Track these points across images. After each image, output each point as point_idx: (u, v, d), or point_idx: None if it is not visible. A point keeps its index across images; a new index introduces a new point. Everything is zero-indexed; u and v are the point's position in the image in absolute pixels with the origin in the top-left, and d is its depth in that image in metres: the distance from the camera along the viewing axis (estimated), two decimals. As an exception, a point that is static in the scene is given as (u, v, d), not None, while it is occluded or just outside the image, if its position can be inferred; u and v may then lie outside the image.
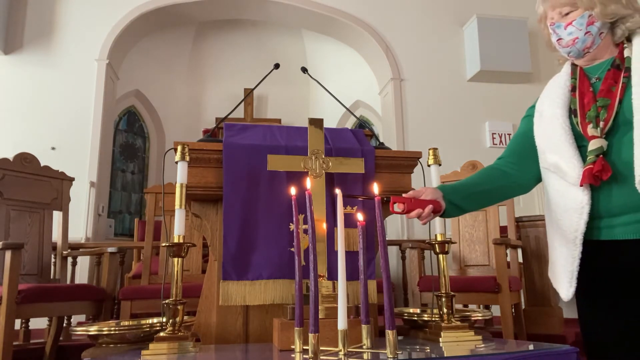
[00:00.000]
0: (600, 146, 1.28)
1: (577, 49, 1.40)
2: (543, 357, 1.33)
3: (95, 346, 1.90)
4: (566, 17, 1.39)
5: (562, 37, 1.40)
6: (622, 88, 1.30)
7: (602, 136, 1.29)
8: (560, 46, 1.42)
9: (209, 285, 1.88)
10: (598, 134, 1.30)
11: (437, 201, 1.43)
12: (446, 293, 1.67)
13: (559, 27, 1.40)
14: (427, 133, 5.54)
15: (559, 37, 1.41)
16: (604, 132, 1.30)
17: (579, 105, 1.38)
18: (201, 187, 1.81)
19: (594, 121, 1.32)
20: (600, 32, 1.38)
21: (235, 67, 6.80)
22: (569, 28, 1.38)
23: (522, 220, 3.47)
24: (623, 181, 1.27)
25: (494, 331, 2.96)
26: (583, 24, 1.36)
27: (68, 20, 5.31)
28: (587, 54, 1.41)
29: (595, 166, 1.25)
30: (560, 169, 1.37)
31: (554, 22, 1.42)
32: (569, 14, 1.38)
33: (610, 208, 1.30)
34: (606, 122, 1.30)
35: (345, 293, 1.33)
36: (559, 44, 1.42)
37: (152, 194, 3.44)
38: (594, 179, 1.26)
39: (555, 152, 1.38)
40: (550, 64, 6.02)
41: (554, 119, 1.40)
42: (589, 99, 1.36)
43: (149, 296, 2.88)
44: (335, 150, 1.88)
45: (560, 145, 1.36)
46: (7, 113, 4.96)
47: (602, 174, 1.25)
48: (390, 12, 5.88)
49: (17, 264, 2.33)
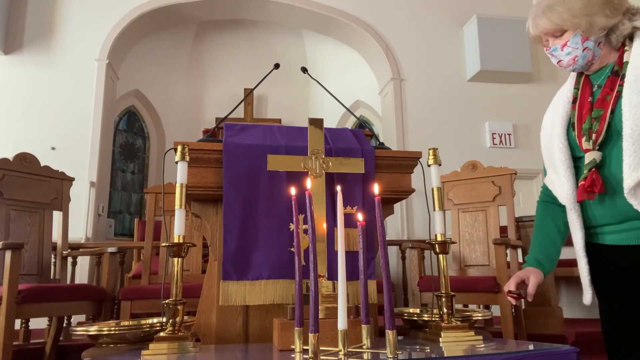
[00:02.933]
0: (592, 159, 1.29)
1: (580, 66, 1.39)
2: (543, 357, 1.33)
3: (95, 346, 1.90)
4: (560, 38, 1.38)
5: (561, 59, 1.40)
6: (616, 97, 1.30)
7: (595, 148, 1.30)
8: (562, 67, 1.42)
9: (209, 285, 1.88)
10: (591, 147, 1.31)
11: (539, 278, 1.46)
12: (446, 293, 1.67)
13: (555, 50, 1.40)
14: (427, 133, 5.54)
15: (558, 59, 1.41)
16: (597, 144, 1.30)
17: (577, 118, 1.38)
18: (201, 187, 1.81)
19: (587, 134, 1.33)
20: (598, 42, 1.36)
21: (235, 67, 6.80)
22: (565, 49, 1.37)
23: (522, 220, 3.46)
24: (613, 193, 1.29)
25: (494, 331, 2.96)
26: (578, 42, 1.35)
27: (68, 20, 5.32)
28: (592, 65, 1.40)
29: (586, 181, 1.28)
30: (555, 189, 1.43)
31: (550, 47, 1.41)
32: (562, 35, 1.37)
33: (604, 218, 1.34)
34: (598, 133, 1.30)
35: (345, 293, 1.33)
36: (559, 65, 1.42)
37: (152, 194, 3.44)
38: (587, 194, 1.28)
39: (554, 170, 1.43)
40: (551, 64, 6.02)
41: (553, 135, 1.42)
42: (586, 110, 1.36)
43: (149, 296, 2.88)
44: (335, 150, 1.88)
45: (557, 163, 1.40)
46: (7, 113, 4.96)
47: (593, 187, 1.27)
48: (390, 12, 5.88)
49: (17, 264, 2.33)
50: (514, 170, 3.18)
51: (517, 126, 5.72)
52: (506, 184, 3.16)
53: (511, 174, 3.16)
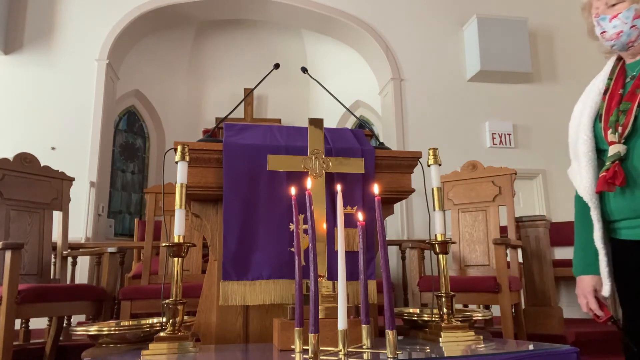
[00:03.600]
0: (616, 152, 1.30)
1: (621, 43, 1.38)
2: (543, 357, 1.33)
3: (95, 346, 1.90)
4: (612, 8, 1.37)
5: (606, 30, 1.39)
6: None
7: (620, 141, 1.31)
8: (604, 39, 1.40)
9: (209, 285, 1.88)
10: (616, 140, 1.31)
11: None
12: (446, 293, 1.67)
13: (603, 19, 1.38)
14: (427, 133, 5.54)
15: (603, 29, 1.40)
16: (622, 137, 1.31)
17: (605, 110, 1.38)
18: (201, 187, 1.81)
19: (613, 126, 1.33)
20: None
21: (235, 67, 6.80)
22: (614, 21, 1.36)
23: (522, 220, 3.46)
24: (634, 186, 1.29)
25: (494, 331, 2.96)
26: (629, 17, 1.34)
27: (68, 20, 5.31)
28: (631, 47, 1.39)
29: (608, 173, 1.28)
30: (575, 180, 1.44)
31: (599, 14, 1.40)
32: (616, 5, 1.36)
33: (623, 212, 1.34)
34: (624, 127, 1.30)
35: (345, 293, 1.33)
36: (602, 37, 1.41)
37: (152, 194, 3.44)
38: (607, 185, 1.28)
39: (577, 162, 1.44)
40: (550, 64, 6.03)
41: (580, 127, 1.42)
42: (615, 102, 1.36)
43: (149, 296, 2.88)
44: (335, 150, 1.88)
45: (580, 155, 1.40)
46: (7, 113, 4.96)
47: (614, 180, 1.27)
48: (390, 12, 5.88)
49: (17, 264, 2.33)
50: (513, 170, 3.19)
51: (517, 126, 5.73)
52: (506, 184, 3.16)
53: (511, 174, 3.17)
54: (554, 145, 5.61)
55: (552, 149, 5.63)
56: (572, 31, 6.04)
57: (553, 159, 5.60)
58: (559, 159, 5.46)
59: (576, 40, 5.96)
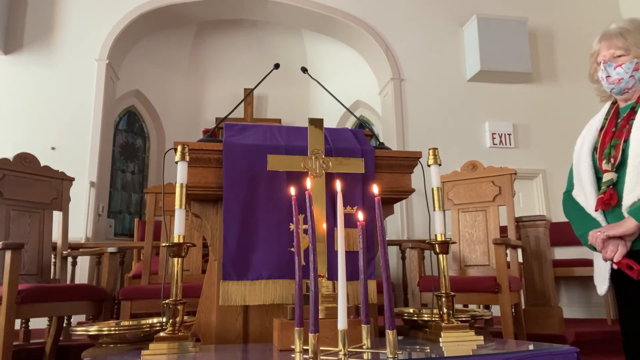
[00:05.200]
0: (609, 179, 1.57)
1: (619, 88, 1.65)
2: (543, 357, 1.33)
3: (95, 346, 1.90)
4: (617, 59, 1.64)
5: (610, 75, 1.65)
6: (628, 129, 1.58)
7: (613, 170, 1.57)
8: (607, 82, 1.66)
9: (209, 285, 1.88)
10: (609, 168, 1.58)
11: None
12: (446, 293, 1.67)
13: (610, 66, 1.65)
14: (427, 133, 5.54)
15: (608, 74, 1.65)
16: (614, 166, 1.57)
17: (599, 144, 1.66)
18: (201, 187, 1.81)
19: (607, 157, 1.60)
20: None
21: (235, 67, 6.80)
22: (618, 69, 1.63)
23: (522, 220, 3.46)
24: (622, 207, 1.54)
25: (494, 331, 2.96)
26: (630, 68, 1.62)
27: (68, 20, 5.32)
28: (626, 93, 1.65)
29: (605, 196, 1.56)
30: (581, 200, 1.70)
31: (607, 61, 1.65)
32: (621, 57, 1.63)
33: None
34: (615, 158, 1.57)
35: (345, 293, 1.33)
36: (606, 80, 1.66)
37: (152, 194, 3.44)
38: (604, 205, 1.56)
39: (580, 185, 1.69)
40: (550, 64, 6.03)
41: (581, 156, 1.70)
42: (608, 138, 1.64)
43: (149, 296, 2.88)
44: (335, 150, 1.88)
45: (583, 179, 1.67)
46: (7, 113, 4.96)
47: (610, 201, 1.55)
48: (390, 12, 5.88)
49: (17, 264, 2.33)
50: (513, 170, 3.19)
51: (517, 126, 5.73)
52: (506, 184, 3.16)
53: (511, 174, 3.17)
54: (554, 145, 5.61)
55: (552, 149, 5.63)
56: (572, 31, 6.04)
57: (553, 159, 5.60)
58: (558, 159, 5.47)
59: (576, 40, 5.96)
